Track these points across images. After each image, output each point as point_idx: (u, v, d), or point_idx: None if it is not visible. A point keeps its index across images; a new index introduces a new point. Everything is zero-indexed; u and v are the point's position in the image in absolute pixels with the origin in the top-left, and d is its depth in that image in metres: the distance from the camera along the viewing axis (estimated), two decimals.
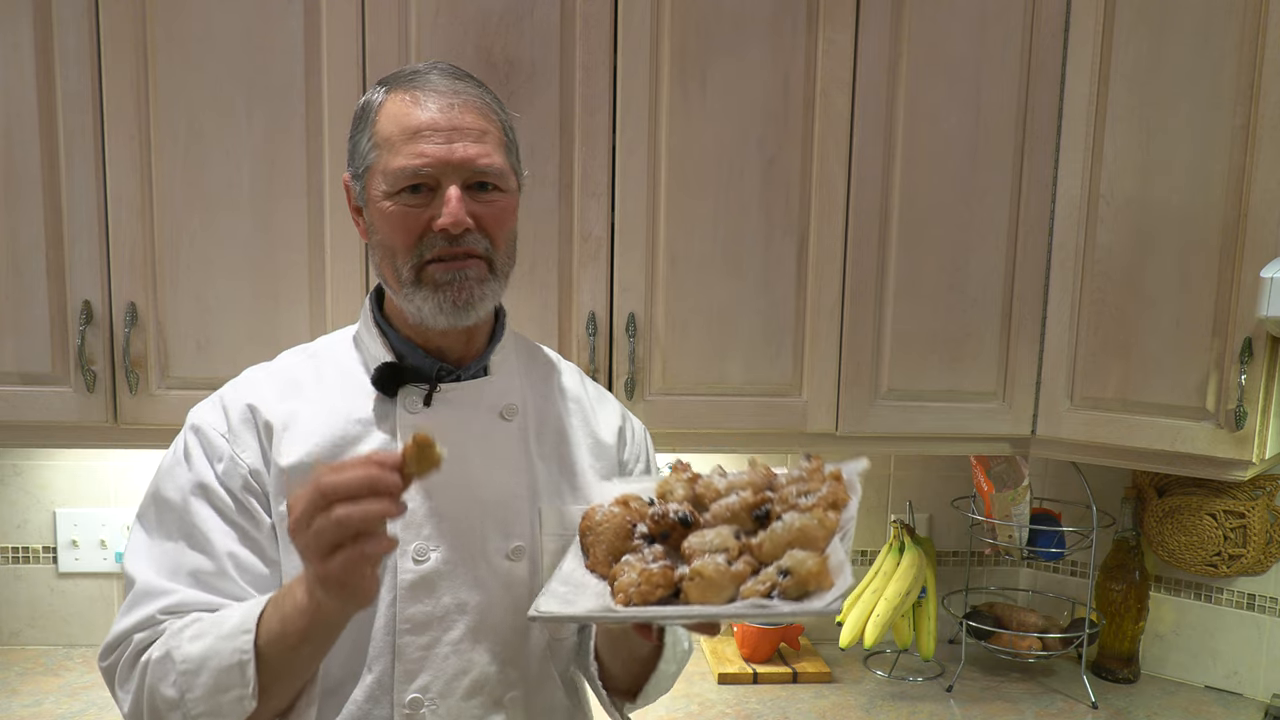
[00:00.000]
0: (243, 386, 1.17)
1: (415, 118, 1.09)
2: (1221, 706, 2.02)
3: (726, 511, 1.03)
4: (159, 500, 1.13)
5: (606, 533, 1.04)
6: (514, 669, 1.17)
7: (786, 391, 1.86)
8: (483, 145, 1.10)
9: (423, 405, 1.15)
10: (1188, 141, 1.71)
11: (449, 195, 1.08)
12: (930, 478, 2.28)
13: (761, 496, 1.04)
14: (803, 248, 1.82)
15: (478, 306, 1.12)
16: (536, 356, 1.30)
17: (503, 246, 1.14)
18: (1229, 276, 1.69)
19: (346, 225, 1.74)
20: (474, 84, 1.15)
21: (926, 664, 2.17)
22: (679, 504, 1.05)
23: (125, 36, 1.68)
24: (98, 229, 1.71)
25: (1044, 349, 1.86)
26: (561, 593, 0.99)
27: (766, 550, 0.97)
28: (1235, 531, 2.03)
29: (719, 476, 1.09)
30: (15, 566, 2.13)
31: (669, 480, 1.10)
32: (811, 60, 1.78)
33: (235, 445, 1.13)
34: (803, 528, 0.96)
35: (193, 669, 1.01)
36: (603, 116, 1.76)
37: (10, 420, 1.75)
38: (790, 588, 0.91)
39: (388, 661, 1.12)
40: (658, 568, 0.97)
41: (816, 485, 1.03)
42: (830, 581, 0.91)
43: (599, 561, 1.04)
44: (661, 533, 1.03)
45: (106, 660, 1.09)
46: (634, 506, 1.07)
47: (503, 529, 1.16)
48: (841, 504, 1.01)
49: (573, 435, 1.26)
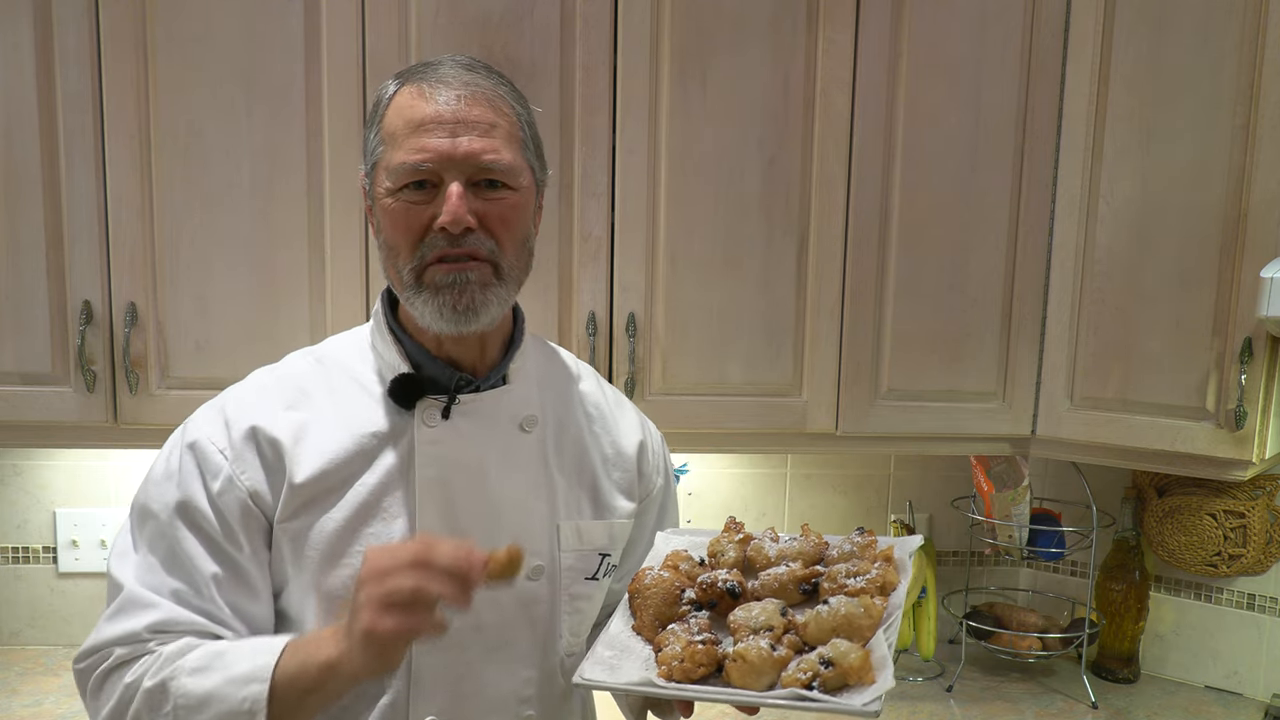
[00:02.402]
0: (247, 399, 1.11)
1: (420, 110, 1.04)
2: (1221, 706, 2.02)
3: (775, 582, 1.04)
4: (145, 512, 1.10)
5: (654, 598, 1.05)
6: (530, 688, 1.14)
7: (786, 391, 1.86)
8: (489, 140, 1.04)
9: (441, 418, 1.10)
10: (1188, 141, 1.71)
11: (449, 192, 1.03)
12: (930, 478, 2.28)
13: (811, 571, 1.05)
14: (803, 248, 1.82)
15: (480, 313, 1.06)
16: (555, 361, 1.25)
17: (510, 248, 1.07)
18: (1229, 276, 1.69)
19: (347, 225, 1.74)
20: (490, 75, 1.09)
21: (926, 664, 2.17)
22: (728, 572, 1.06)
23: (125, 36, 1.68)
24: (98, 229, 1.71)
25: (1044, 349, 1.86)
26: (607, 657, 1.00)
27: (811, 632, 0.98)
28: (1235, 531, 2.03)
29: (770, 541, 1.10)
30: (15, 566, 2.13)
31: (720, 540, 1.12)
32: (811, 60, 1.78)
33: (236, 465, 1.07)
34: (848, 614, 0.97)
35: (193, 706, 0.98)
36: (603, 116, 1.76)
37: (10, 420, 1.75)
38: (831, 679, 0.92)
39: (404, 683, 1.09)
40: (701, 642, 0.97)
41: (867, 566, 1.04)
42: (872, 678, 0.92)
43: (645, 626, 1.05)
44: (709, 600, 1.05)
45: (82, 664, 1.07)
46: (683, 569, 1.08)
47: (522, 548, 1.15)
48: (890, 588, 1.03)
49: (592, 446, 1.21)
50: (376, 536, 1.08)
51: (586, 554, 1.17)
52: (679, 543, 1.16)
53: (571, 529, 1.16)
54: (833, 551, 1.10)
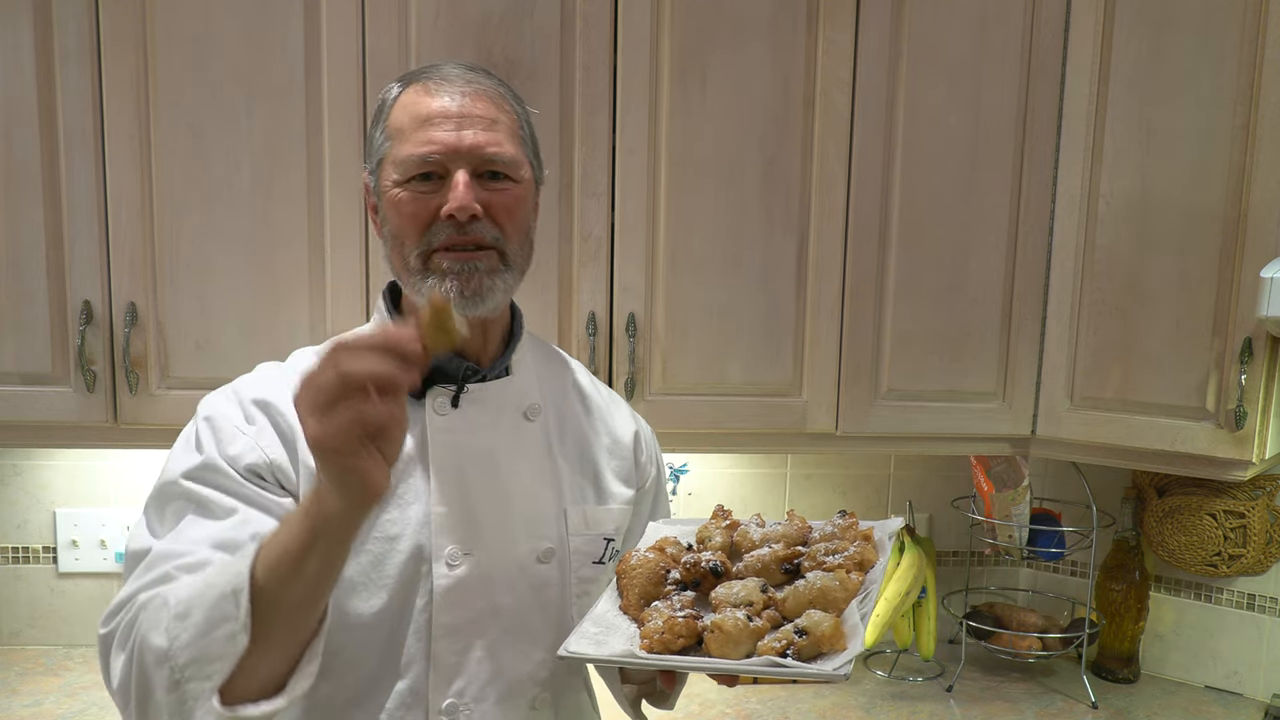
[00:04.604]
0: (258, 383, 1.12)
1: (426, 106, 1.08)
2: (1221, 706, 2.02)
3: (758, 563, 1.08)
4: (166, 488, 1.06)
5: (639, 577, 1.08)
6: (544, 671, 1.16)
7: (786, 391, 1.86)
8: (493, 133, 1.09)
9: (451, 406, 1.12)
10: (1188, 141, 1.71)
11: (456, 180, 1.06)
12: (930, 478, 2.28)
13: (793, 551, 1.08)
14: (803, 248, 1.82)
15: (487, 298, 1.09)
16: (551, 356, 1.29)
17: (515, 237, 1.11)
18: (1229, 276, 1.69)
19: (346, 225, 1.74)
20: (490, 76, 1.13)
21: (926, 664, 2.17)
22: (712, 553, 1.09)
23: (125, 36, 1.68)
24: (98, 228, 1.71)
25: (1044, 349, 1.86)
26: (592, 633, 1.02)
27: (789, 607, 1.01)
28: (1235, 531, 2.03)
29: (756, 526, 1.14)
30: (15, 566, 2.13)
31: (709, 526, 1.15)
32: (811, 60, 1.78)
33: (257, 436, 1.07)
34: (824, 588, 1.00)
35: (185, 610, 0.89)
36: (603, 116, 1.76)
37: (10, 420, 1.75)
38: (805, 648, 0.96)
39: (422, 668, 1.10)
40: (682, 617, 1.00)
41: (846, 545, 1.08)
42: (843, 645, 0.95)
43: (631, 604, 1.07)
44: (693, 580, 1.07)
45: (107, 626, 0.97)
46: (670, 552, 1.11)
47: (532, 532, 1.16)
48: (868, 565, 1.06)
49: (591, 435, 1.25)
50: (393, 522, 1.10)
51: (593, 538, 1.20)
52: (669, 531, 1.20)
53: (578, 514, 1.20)
54: (815, 534, 1.13)
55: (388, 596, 1.09)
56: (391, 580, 1.09)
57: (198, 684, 0.88)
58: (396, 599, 1.09)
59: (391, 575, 1.09)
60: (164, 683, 0.90)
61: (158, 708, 0.91)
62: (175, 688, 0.89)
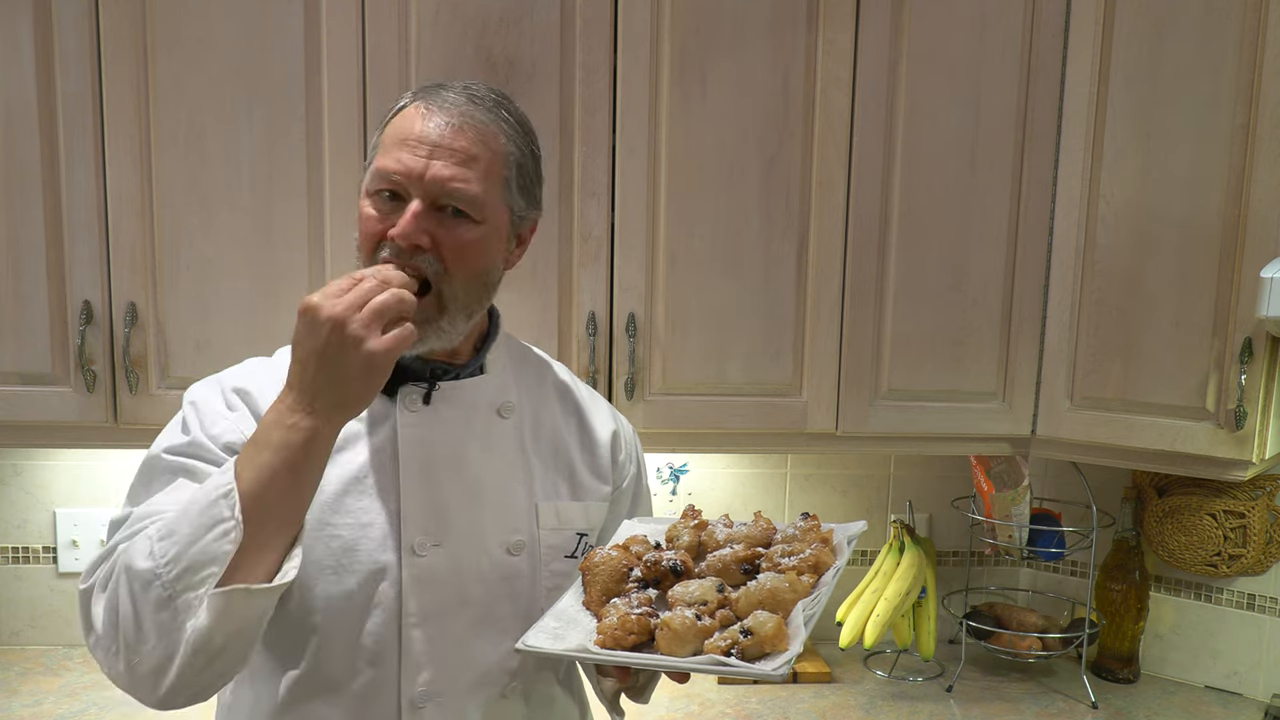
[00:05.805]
0: (241, 374, 1.17)
1: (411, 127, 1.08)
2: (1221, 706, 2.02)
3: (719, 563, 1.11)
4: (151, 462, 1.10)
5: (602, 574, 1.10)
6: (515, 660, 1.18)
7: (786, 391, 1.86)
8: (463, 169, 1.07)
9: (422, 403, 1.15)
10: (1188, 141, 1.71)
11: (409, 208, 1.06)
12: (930, 478, 2.28)
13: (753, 552, 1.11)
14: (803, 248, 1.82)
15: (415, 346, 1.06)
16: (528, 358, 1.31)
17: (460, 277, 1.09)
18: (1229, 277, 1.69)
19: (347, 225, 1.73)
20: (492, 111, 1.11)
21: (926, 664, 2.17)
22: (674, 552, 1.12)
23: (125, 37, 1.68)
24: (98, 229, 1.71)
25: (1044, 349, 1.86)
26: (551, 627, 1.05)
27: (740, 606, 1.04)
28: (1235, 531, 2.03)
29: (723, 527, 1.16)
30: (15, 566, 2.13)
31: (677, 526, 1.17)
32: (811, 60, 1.78)
33: (239, 420, 1.12)
34: (773, 589, 1.03)
35: (168, 530, 0.95)
36: (603, 117, 1.76)
37: (10, 420, 1.75)
38: (749, 647, 0.98)
39: (393, 656, 1.13)
40: (637, 614, 1.03)
41: (803, 547, 1.10)
42: (785, 646, 0.98)
43: (593, 600, 1.10)
44: (654, 578, 1.10)
45: (87, 581, 1.00)
46: (634, 550, 1.14)
47: (503, 525, 1.18)
48: (823, 567, 1.09)
49: (567, 433, 1.27)
50: (365, 510, 1.13)
51: (565, 533, 1.23)
52: (641, 529, 1.22)
53: (550, 509, 1.22)
54: (778, 536, 1.15)
55: (358, 582, 1.11)
56: (362, 566, 1.12)
57: (189, 594, 0.93)
58: (368, 584, 1.12)
59: (363, 561, 1.12)
60: (152, 603, 0.93)
61: (145, 635, 0.94)
62: (165, 604, 0.93)
